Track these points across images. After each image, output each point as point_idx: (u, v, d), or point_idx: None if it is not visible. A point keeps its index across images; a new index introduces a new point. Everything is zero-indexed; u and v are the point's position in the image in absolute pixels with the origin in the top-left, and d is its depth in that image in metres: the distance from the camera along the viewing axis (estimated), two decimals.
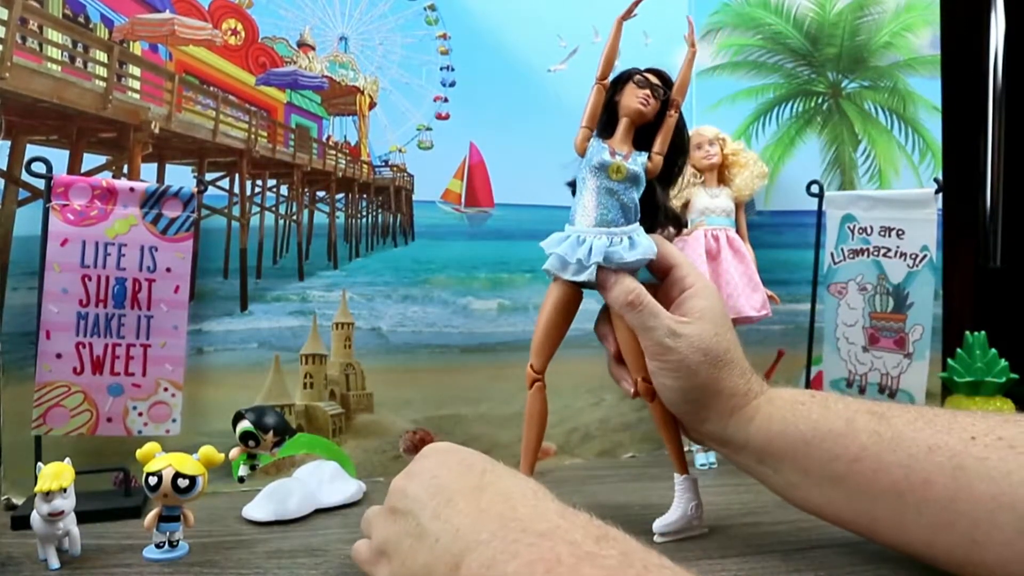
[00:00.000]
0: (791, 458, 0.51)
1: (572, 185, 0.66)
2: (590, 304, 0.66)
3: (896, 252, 0.85)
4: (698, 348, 0.55)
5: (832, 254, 0.90)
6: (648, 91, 0.62)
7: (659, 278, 0.61)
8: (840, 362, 0.89)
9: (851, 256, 0.89)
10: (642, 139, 0.64)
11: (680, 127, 0.64)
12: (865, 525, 0.49)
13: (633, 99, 0.62)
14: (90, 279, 0.72)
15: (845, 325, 0.89)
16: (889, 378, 0.85)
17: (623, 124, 0.63)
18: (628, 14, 0.65)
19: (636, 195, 0.62)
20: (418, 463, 0.45)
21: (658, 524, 0.63)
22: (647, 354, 0.57)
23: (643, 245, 0.61)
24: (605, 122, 0.64)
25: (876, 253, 0.86)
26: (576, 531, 0.32)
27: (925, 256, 0.83)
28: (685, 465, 0.65)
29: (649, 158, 0.63)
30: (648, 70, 0.63)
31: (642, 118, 0.62)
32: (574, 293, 0.63)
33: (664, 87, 0.63)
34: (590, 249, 0.60)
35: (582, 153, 0.63)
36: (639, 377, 0.63)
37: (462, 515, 0.35)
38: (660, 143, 0.63)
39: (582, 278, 0.61)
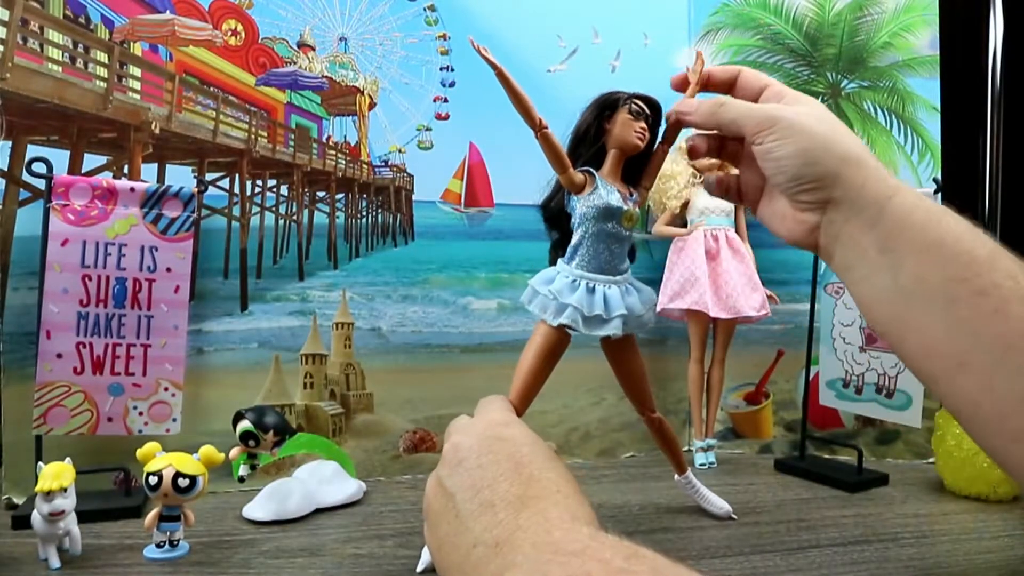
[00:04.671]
0: (918, 255, 0.43)
1: (545, 210, 0.62)
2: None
3: None
4: (810, 113, 0.48)
5: None
6: (643, 123, 0.58)
7: (751, 135, 0.50)
8: (836, 362, 0.89)
9: None
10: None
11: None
12: (945, 365, 0.42)
13: (629, 132, 0.57)
14: (90, 279, 0.72)
15: (842, 325, 0.89)
16: (887, 378, 0.85)
17: (613, 156, 0.58)
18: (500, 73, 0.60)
19: (632, 236, 0.60)
20: (467, 437, 0.43)
21: (724, 510, 0.70)
22: (754, 141, 0.48)
23: (646, 291, 0.60)
24: (591, 151, 0.59)
25: None
26: (606, 551, 0.32)
27: None
28: (685, 466, 0.70)
29: (639, 192, 0.60)
30: (639, 97, 0.59)
31: (636, 152, 0.58)
32: (566, 338, 0.60)
33: (655, 117, 0.59)
34: (606, 300, 0.57)
35: (579, 192, 0.58)
36: (645, 411, 0.65)
37: (501, 527, 0.36)
38: (649, 178, 0.60)
39: (604, 332, 0.57)
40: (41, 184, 0.72)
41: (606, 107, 0.58)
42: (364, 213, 0.91)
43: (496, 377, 0.94)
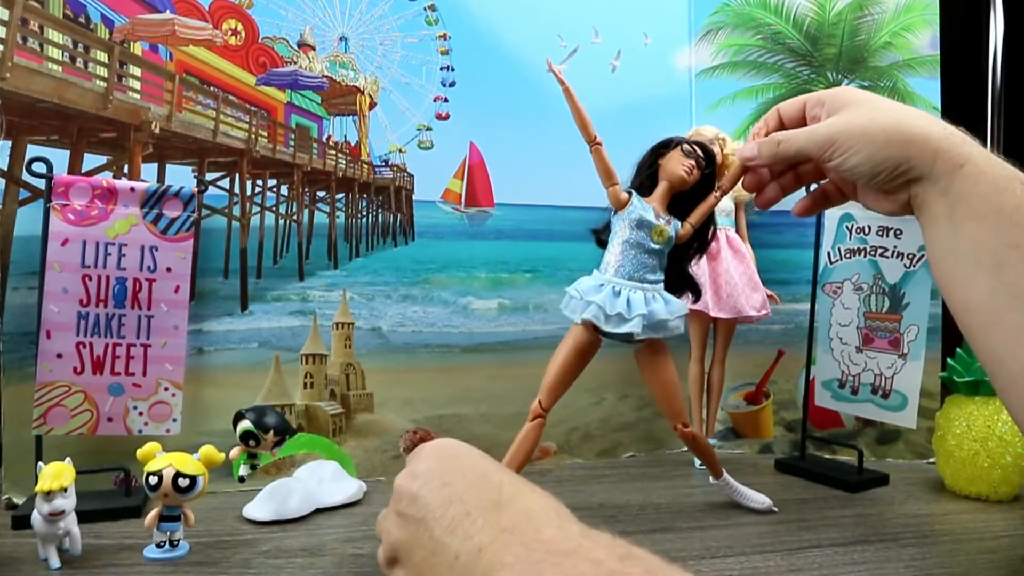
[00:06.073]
0: (976, 222, 0.46)
1: (595, 233, 0.68)
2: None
3: (893, 252, 0.85)
4: (861, 116, 0.51)
5: (829, 253, 0.90)
6: (693, 162, 0.64)
7: (819, 157, 0.54)
8: (833, 363, 0.89)
9: (847, 256, 0.89)
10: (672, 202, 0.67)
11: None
12: (982, 322, 0.45)
13: (679, 166, 0.64)
14: (90, 279, 0.72)
15: (839, 325, 0.89)
16: (883, 378, 0.85)
17: (663, 187, 0.65)
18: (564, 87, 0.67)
19: (666, 257, 0.66)
20: (422, 463, 0.43)
21: (765, 504, 0.71)
22: (823, 161, 0.53)
23: (675, 303, 0.65)
24: (644, 180, 0.66)
25: (873, 253, 0.86)
26: (599, 550, 0.32)
27: (922, 256, 0.83)
28: (721, 470, 0.72)
29: (681, 226, 0.66)
30: (694, 142, 0.66)
31: (683, 185, 0.65)
32: (596, 340, 0.65)
33: (707, 161, 0.65)
34: (628, 302, 0.62)
35: (621, 207, 0.65)
36: (677, 424, 0.68)
37: (483, 532, 0.35)
38: (696, 216, 0.66)
39: (623, 330, 0.62)
40: (41, 184, 0.72)
41: (663, 146, 0.66)
42: (364, 213, 0.91)
43: (496, 377, 0.95)
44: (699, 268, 0.92)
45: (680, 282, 0.68)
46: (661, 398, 0.67)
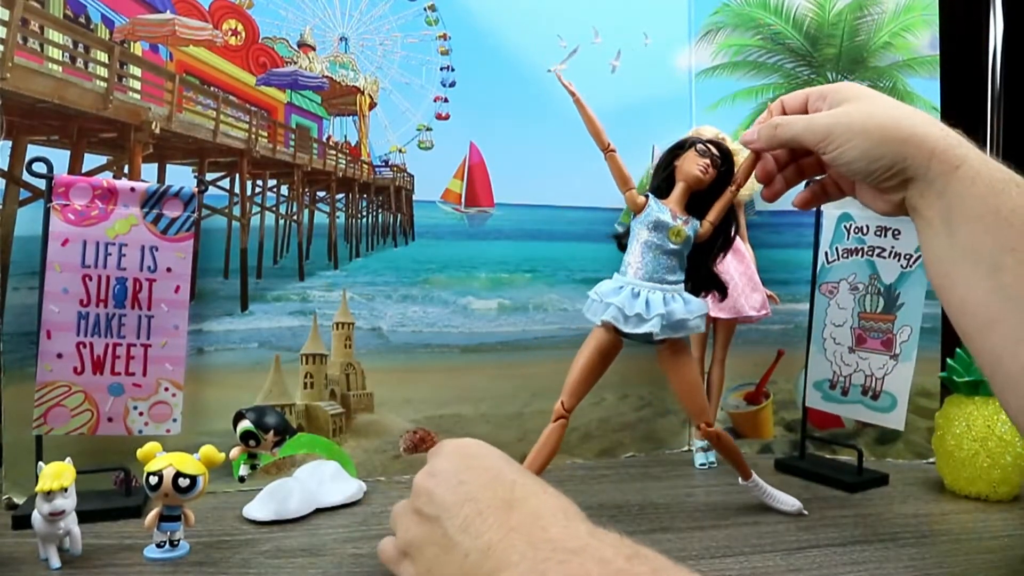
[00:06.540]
0: (972, 223, 0.46)
1: (617, 238, 0.69)
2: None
3: (890, 252, 0.85)
4: (859, 110, 0.52)
5: (826, 253, 0.90)
6: (708, 161, 0.65)
7: (814, 146, 0.55)
8: (825, 363, 0.89)
9: (845, 255, 0.89)
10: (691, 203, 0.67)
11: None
12: (979, 323, 0.45)
13: (693, 166, 0.65)
14: (91, 279, 0.72)
15: (833, 325, 0.89)
16: (873, 379, 0.84)
17: (680, 188, 0.66)
18: (575, 96, 0.67)
19: (685, 257, 0.66)
20: (441, 461, 0.43)
21: (795, 506, 0.71)
22: (819, 152, 0.54)
23: (694, 302, 0.66)
24: (661, 183, 0.67)
25: (870, 253, 0.86)
26: (607, 549, 0.32)
27: (919, 257, 0.83)
28: (749, 470, 0.71)
29: (701, 224, 0.66)
30: (709, 141, 0.66)
31: (699, 185, 0.66)
32: (618, 341, 0.66)
33: (722, 159, 0.66)
34: (647, 303, 0.63)
35: (639, 211, 0.66)
36: (701, 423, 0.68)
37: (492, 531, 0.36)
38: (715, 213, 0.67)
39: (642, 330, 0.63)
40: (41, 184, 0.72)
41: (678, 147, 0.67)
42: (364, 213, 0.91)
43: (496, 377, 0.95)
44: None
45: (707, 281, 0.69)
46: (684, 397, 0.68)
